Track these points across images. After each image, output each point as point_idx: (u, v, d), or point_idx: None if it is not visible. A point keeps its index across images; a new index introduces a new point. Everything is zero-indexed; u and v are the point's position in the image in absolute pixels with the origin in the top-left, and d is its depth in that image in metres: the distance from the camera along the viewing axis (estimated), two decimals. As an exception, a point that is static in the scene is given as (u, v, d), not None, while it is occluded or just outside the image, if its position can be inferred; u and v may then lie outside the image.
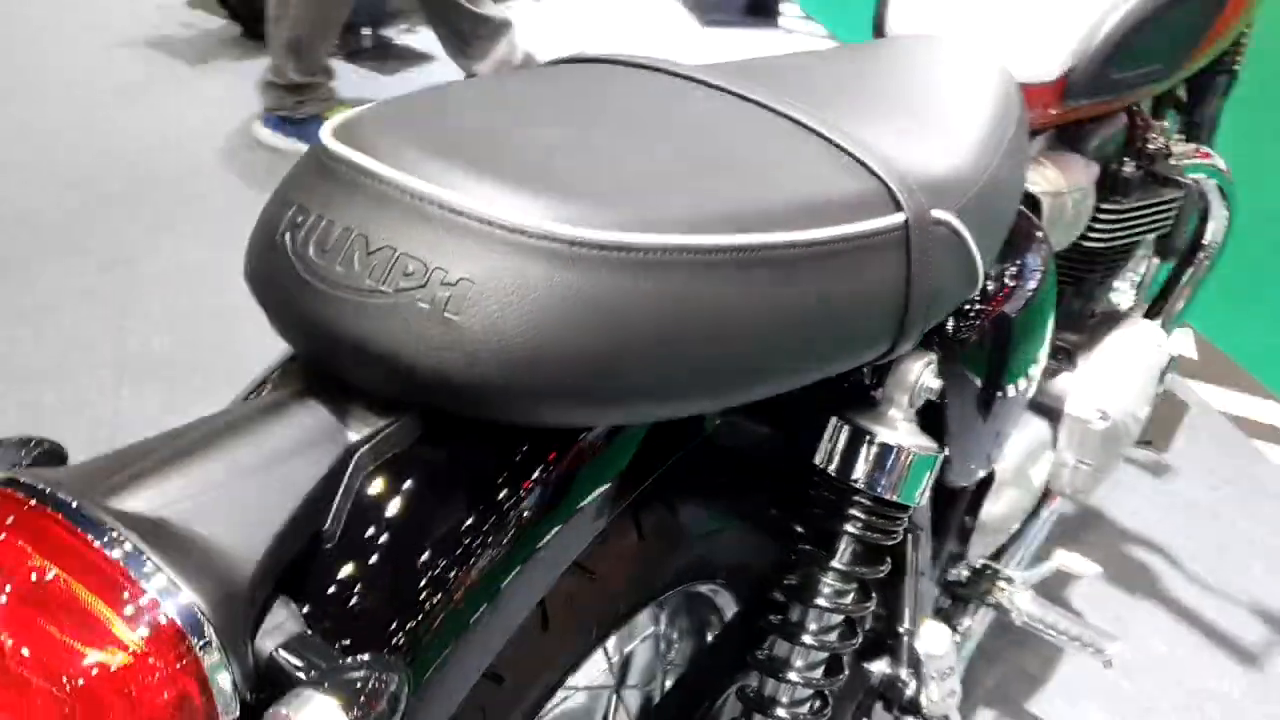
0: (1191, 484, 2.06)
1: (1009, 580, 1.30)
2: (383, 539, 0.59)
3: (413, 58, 3.67)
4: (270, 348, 0.65)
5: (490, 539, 0.61)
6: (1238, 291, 1.48)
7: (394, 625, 0.58)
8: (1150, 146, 1.32)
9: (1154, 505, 1.99)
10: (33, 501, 0.50)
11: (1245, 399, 2.36)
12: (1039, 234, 1.07)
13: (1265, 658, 1.72)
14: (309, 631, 0.54)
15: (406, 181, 0.57)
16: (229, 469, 0.54)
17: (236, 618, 0.50)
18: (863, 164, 0.73)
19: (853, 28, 4.39)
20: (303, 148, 2.75)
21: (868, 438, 0.83)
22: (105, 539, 0.49)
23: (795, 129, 0.76)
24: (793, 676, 0.86)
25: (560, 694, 0.81)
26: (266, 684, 0.52)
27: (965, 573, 1.28)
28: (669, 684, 0.99)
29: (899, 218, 0.72)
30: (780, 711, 0.87)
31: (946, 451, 0.90)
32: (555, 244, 0.56)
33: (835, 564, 0.85)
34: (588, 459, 0.67)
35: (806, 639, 0.86)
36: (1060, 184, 1.19)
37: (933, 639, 0.95)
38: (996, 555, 1.35)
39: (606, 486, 0.69)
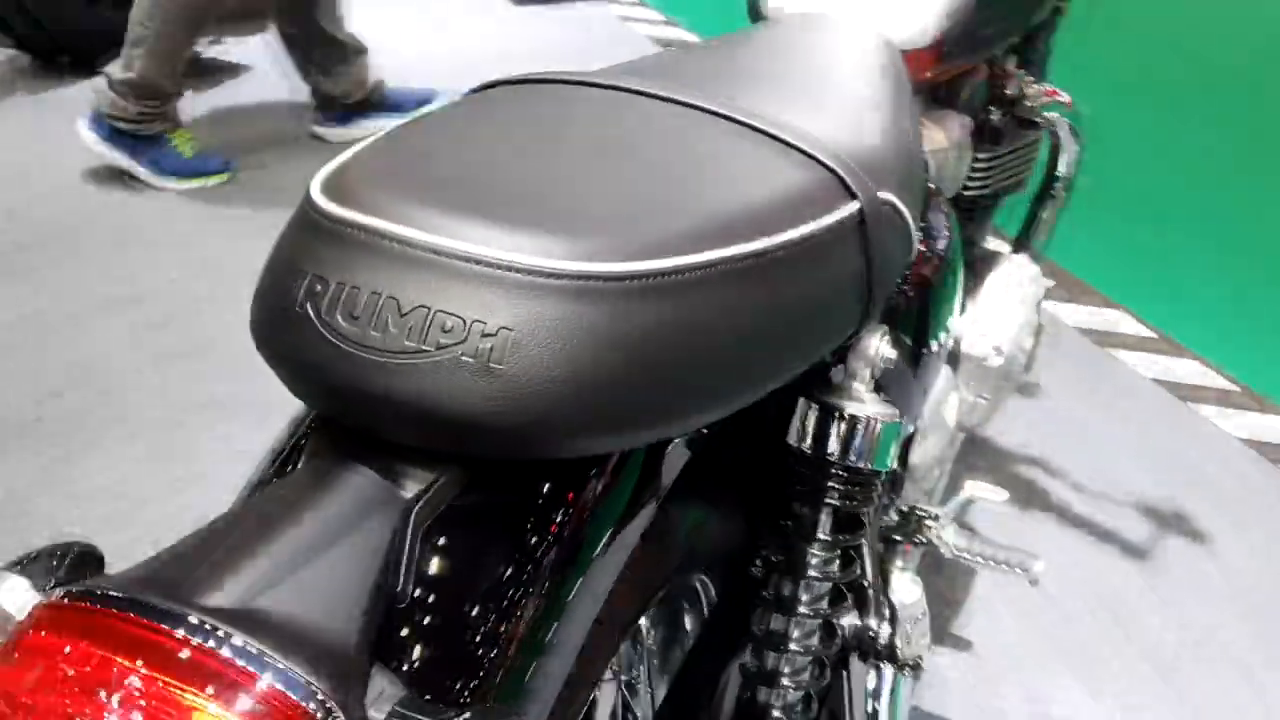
0: (1060, 399, 2.20)
1: (934, 518, 1.37)
2: (452, 589, 0.60)
3: (229, 70, 3.54)
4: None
5: (547, 568, 0.63)
6: (1073, 210, 1.60)
7: (482, 669, 0.59)
8: (1011, 93, 1.40)
9: (1029, 424, 2.11)
10: (116, 611, 0.49)
11: (1092, 312, 2.53)
12: (937, 194, 1.13)
13: (1154, 551, 1.86)
14: (410, 693, 0.55)
15: (425, 239, 0.57)
16: (300, 547, 0.54)
17: (353, 693, 0.51)
18: (812, 157, 0.77)
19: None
20: (129, 164, 2.62)
21: (837, 414, 0.87)
22: (211, 640, 0.48)
23: (739, 129, 0.79)
24: (793, 647, 0.90)
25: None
26: None
27: (895, 518, 1.35)
28: (669, 672, 1.02)
29: (855, 205, 0.76)
30: (784, 681, 0.91)
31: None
32: (579, 281, 0.58)
33: (820, 535, 0.90)
34: (614, 480, 0.69)
35: (802, 609, 0.90)
36: (943, 141, 1.26)
37: (905, 588, 1.01)
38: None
39: (629, 501, 0.71)
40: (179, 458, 1.91)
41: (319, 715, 0.48)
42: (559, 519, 0.64)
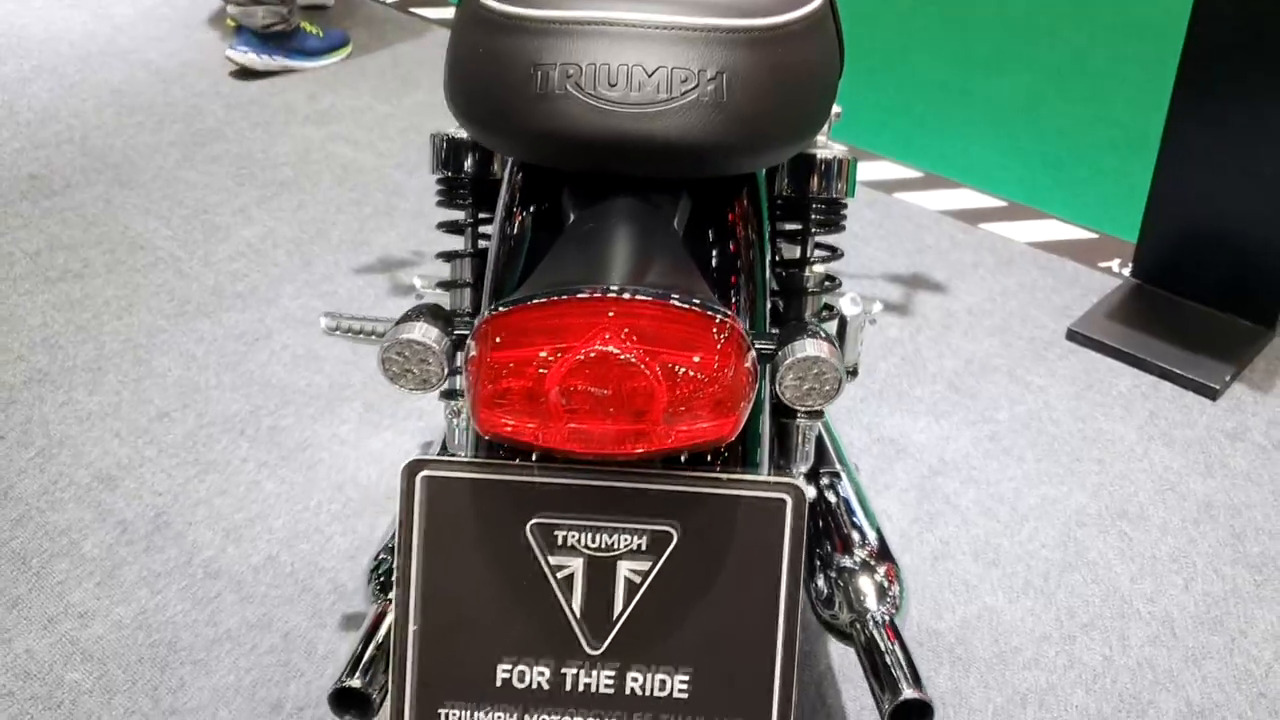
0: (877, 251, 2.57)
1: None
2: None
3: None
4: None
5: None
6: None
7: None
8: None
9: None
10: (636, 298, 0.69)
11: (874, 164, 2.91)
12: None
13: (911, 306, 2.28)
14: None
15: (651, 18, 0.77)
16: (642, 243, 0.75)
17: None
18: None
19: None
20: (285, 62, 2.82)
21: (814, 159, 1.13)
22: (703, 309, 0.69)
23: None
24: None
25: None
26: None
27: None
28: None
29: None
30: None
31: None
32: (756, 33, 0.80)
33: (806, 258, 1.16)
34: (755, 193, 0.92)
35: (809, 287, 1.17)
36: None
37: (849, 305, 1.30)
38: None
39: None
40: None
41: (742, 329, 0.70)
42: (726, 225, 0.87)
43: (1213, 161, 2.10)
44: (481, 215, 1.19)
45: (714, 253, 0.87)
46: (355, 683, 0.82)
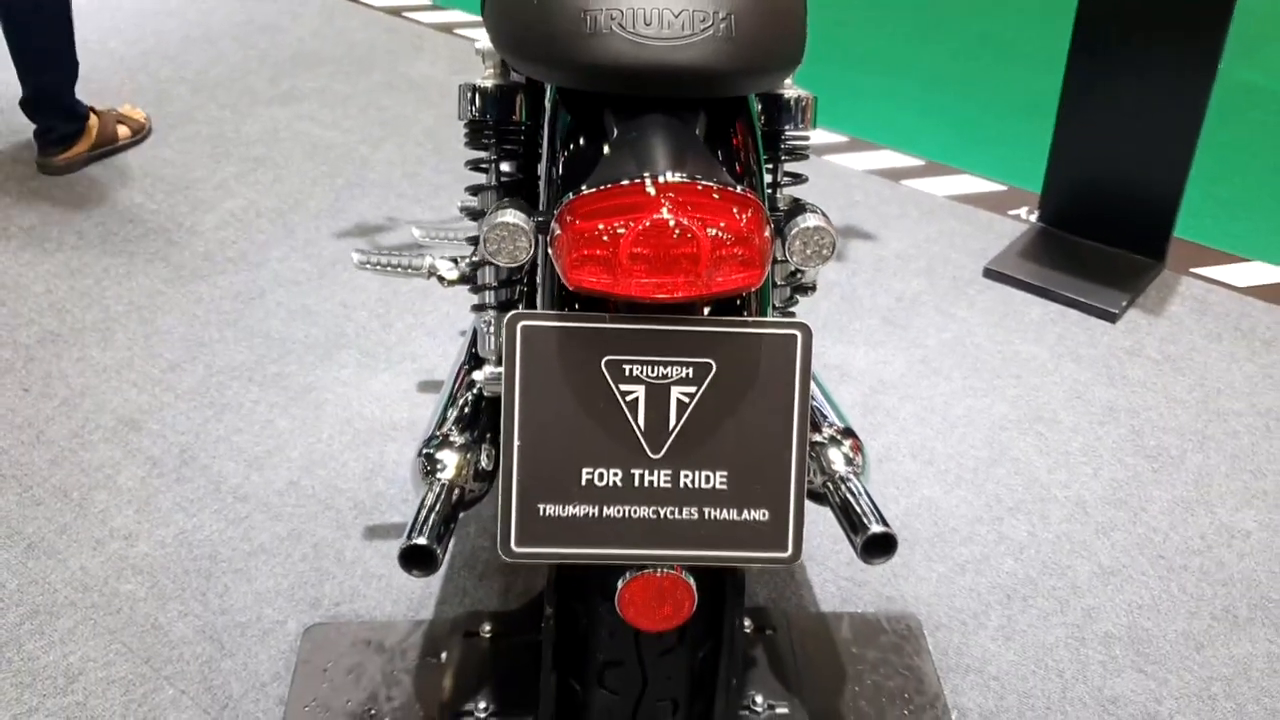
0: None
1: None
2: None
3: None
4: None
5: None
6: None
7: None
8: None
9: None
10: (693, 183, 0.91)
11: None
12: None
13: (847, 252, 2.53)
14: None
15: None
16: (681, 138, 0.98)
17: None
18: None
19: None
20: None
21: (782, 98, 1.36)
22: (733, 191, 0.92)
23: None
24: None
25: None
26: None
27: None
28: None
29: None
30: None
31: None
32: None
33: (777, 182, 1.40)
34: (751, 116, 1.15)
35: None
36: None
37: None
38: None
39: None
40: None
41: (761, 204, 0.92)
42: (735, 136, 1.10)
43: (1104, 119, 2.39)
44: (504, 149, 1.40)
45: (726, 153, 1.09)
46: (422, 540, 1.01)
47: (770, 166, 1.41)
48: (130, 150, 2.85)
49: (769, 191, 1.42)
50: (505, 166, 1.42)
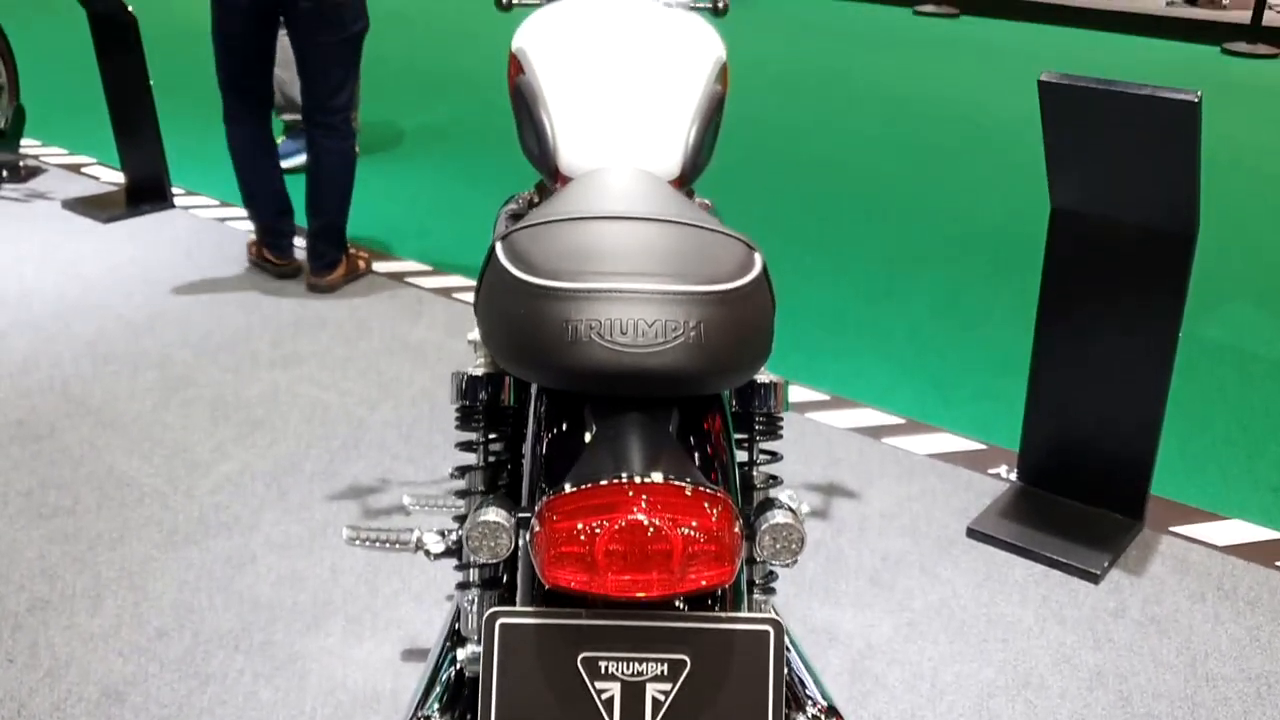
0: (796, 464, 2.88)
1: None
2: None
3: None
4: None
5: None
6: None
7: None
8: None
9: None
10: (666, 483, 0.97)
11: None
12: None
13: (829, 509, 2.58)
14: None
15: (640, 286, 1.08)
16: (658, 434, 1.04)
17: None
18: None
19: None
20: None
21: (755, 384, 1.44)
22: (703, 489, 0.97)
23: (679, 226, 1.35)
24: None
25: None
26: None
27: None
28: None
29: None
30: None
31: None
32: (723, 295, 1.11)
33: (753, 461, 1.46)
34: (721, 410, 1.21)
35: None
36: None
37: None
38: None
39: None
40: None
41: (732, 503, 0.98)
42: (706, 431, 1.16)
43: (1075, 378, 2.48)
44: (491, 436, 1.46)
45: (698, 447, 1.15)
46: None
47: (747, 445, 1.47)
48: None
49: (745, 469, 1.48)
50: (494, 445, 1.49)
